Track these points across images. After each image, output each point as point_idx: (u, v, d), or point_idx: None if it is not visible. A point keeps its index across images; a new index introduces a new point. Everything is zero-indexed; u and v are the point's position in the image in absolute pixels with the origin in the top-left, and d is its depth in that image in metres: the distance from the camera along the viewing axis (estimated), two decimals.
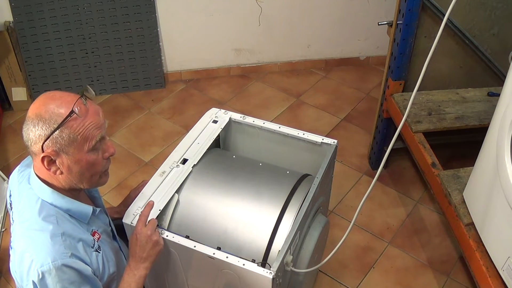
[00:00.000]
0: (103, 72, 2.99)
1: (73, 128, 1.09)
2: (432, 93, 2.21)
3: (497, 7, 2.03)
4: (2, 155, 2.63)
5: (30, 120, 1.09)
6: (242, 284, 1.34)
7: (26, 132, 1.10)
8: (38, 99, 1.11)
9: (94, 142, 1.13)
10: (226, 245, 1.41)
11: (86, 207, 1.22)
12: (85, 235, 1.19)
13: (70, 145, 1.10)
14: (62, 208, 1.17)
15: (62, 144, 1.09)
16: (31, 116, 1.09)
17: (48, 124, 1.07)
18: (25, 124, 1.10)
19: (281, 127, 1.69)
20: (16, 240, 1.15)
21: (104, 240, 1.28)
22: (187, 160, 1.58)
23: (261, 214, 1.46)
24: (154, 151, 2.69)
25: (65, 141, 1.09)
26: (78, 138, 1.10)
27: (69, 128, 1.09)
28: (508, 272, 1.42)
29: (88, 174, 1.17)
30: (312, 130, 1.76)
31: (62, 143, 1.09)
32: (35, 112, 1.09)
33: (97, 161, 1.17)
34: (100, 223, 1.30)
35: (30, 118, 1.09)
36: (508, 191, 1.36)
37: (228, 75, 3.25)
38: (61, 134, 1.08)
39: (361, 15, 3.09)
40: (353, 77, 3.23)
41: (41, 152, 1.09)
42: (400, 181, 2.50)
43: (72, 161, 1.12)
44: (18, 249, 1.12)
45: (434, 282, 2.05)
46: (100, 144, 1.16)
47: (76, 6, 2.77)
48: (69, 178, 1.15)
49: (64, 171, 1.14)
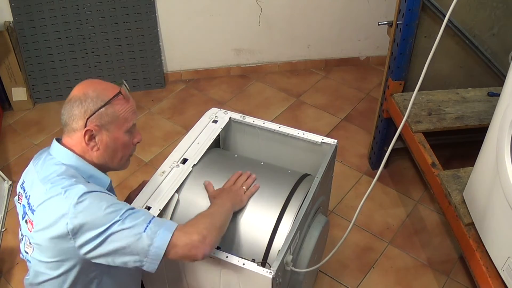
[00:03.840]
0: (103, 72, 2.99)
1: (117, 107, 1.22)
2: (432, 93, 2.21)
3: (497, 7, 2.03)
4: (2, 155, 2.63)
5: (76, 98, 1.19)
6: (242, 284, 1.34)
7: (69, 110, 1.19)
8: (83, 82, 1.23)
9: (131, 124, 1.26)
10: (226, 245, 1.41)
11: (106, 177, 1.29)
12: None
13: (112, 122, 1.21)
14: (86, 173, 1.23)
15: (105, 121, 1.20)
16: (77, 95, 1.19)
17: (95, 101, 1.19)
18: (68, 103, 1.20)
19: (281, 127, 1.69)
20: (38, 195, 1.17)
21: None
22: (187, 160, 1.58)
23: (261, 213, 1.46)
24: (154, 151, 2.69)
25: (109, 117, 1.20)
26: (120, 117, 1.22)
27: (114, 106, 1.21)
28: (508, 272, 1.42)
29: (120, 154, 1.27)
30: (312, 130, 1.76)
31: (106, 119, 1.20)
32: (82, 91, 1.20)
33: (129, 143, 1.28)
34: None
35: (76, 96, 1.19)
36: (508, 191, 1.36)
37: (228, 75, 3.25)
38: (106, 111, 1.20)
39: (361, 15, 3.09)
40: (353, 77, 3.23)
41: (84, 127, 1.19)
42: (400, 181, 2.50)
43: (110, 138, 1.22)
44: (46, 197, 1.14)
45: (434, 282, 2.06)
46: (133, 128, 1.28)
47: (76, 6, 2.78)
48: (103, 156, 1.24)
49: (101, 147, 1.22)
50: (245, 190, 1.46)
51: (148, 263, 1.14)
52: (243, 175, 1.51)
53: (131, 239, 1.11)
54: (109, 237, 1.11)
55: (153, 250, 1.13)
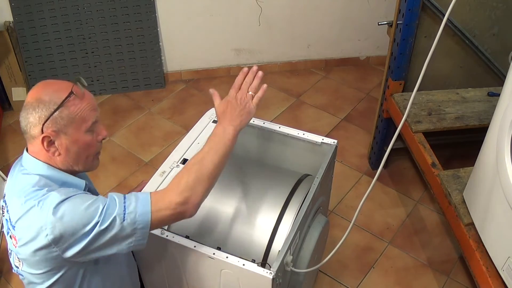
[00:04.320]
0: (103, 72, 2.99)
1: (72, 108, 1.15)
2: (432, 93, 2.21)
3: (497, 7, 2.03)
4: (2, 155, 2.63)
5: (29, 105, 1.14)
6: (242, 284, 1.34)
7: (26, 117, 1.15)
8: (36, 86, 1.17)
9: (91, 123, 1.19)
10: (226, 245, 1.41)
11: (80, 180, 1.25)
12: None
13: (69, 125, 1.15)
14: (58, 180, 1.19)
15: (61, 124, 1.14)
16: (30, 101, 1.14)
17: (48, 106, 1.13)
18: (24, 110, 1.15)
19: (281, 127, 1.69)
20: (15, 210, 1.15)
21: None
22: (187, 160, 1.57)
23: (261, 214, 1.46)
24: (154, 151, 2.69)
25: (64, 121, 1.14)
26: (76, 118, 1.16)
27: (68, 108, 1.14)
28: (508, 272, 1.42)
29: (84, 155, 1.21)
30: (312, 130, 1.76)
31: (61, 123, 1.14)
32: (34, 96, 1.14)
33: (92, 142, 1.22)
34: None
35: (30, 102, 1.14)
36: (508, 191, 1.36)
37: (228, 75, 3.25)
38: (61, 114, 1.14)
39: (361, 15, 3.09)
40: (353, 77, 3.23)
41: (41, 134, 1.14)
42: (400, 181, 2.50)
43: (70, 141, 1.17)
44: (22, 212, 1.13)
45: (434, 282, 2.05)
46: (95, 126, 1.21)
47: (76, 6, 2.77)
48: (66, 160, 1.19)
49: (62, 152, 1.18)
50: (253, 95, 1.36)
51: (136, 242, 1.14)
52: (249, 76, 1.39)
53: (114, 232, 1.11)
54: (92, 239, 1.10)
55: (138, 233, 1.13)
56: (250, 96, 1.35)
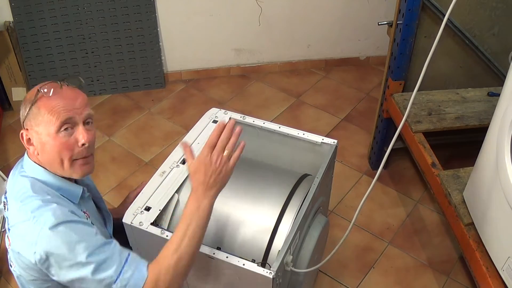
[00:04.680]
0: (103, 72, 2.99)
1: (40, 105, 1.16)
2: (432, 93, 2.21)
3: (497, 7, 2.03)
4: (2, 155, 2.63)
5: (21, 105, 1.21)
6: (242, 284, 1.34)
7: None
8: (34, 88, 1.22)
9: (59, 122, 1.14)
10: (226, 245, 1.41)
11: (77, 187, 1.24)
12: (77, 211, 1.20)
13: (39, 123, 1.15)
14: (53, 186, 1.20)
15: (34, 122, 1.16)
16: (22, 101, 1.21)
17: (26, 104, 1.18)
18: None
19: (281, 127, 1.69)
20: (12, 212, 1.16)
21: (93, 222, 1.27)
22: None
23: (261, 214, 1.46)
24: (154, 151, 2.69)
25: (34, 118, 1.16)
26: (45, 116, 1.15)
27: (38, 105, 1.16)
28: (508, 272, 1.42)
29: (57, 157, 1.17)
30: (312, 130, 1.76)
31: (34, 121, 1.16)
32: (25, 97, 1.21)
33: (67, 145, 1.17)
34: (90, 207, 1.31)
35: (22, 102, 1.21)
36: (508, 191, 1.36)
37: (228, 75, 3.25)
38: (33, 112, 1.16)
39: (361, 15, 3.09)
40: (353, 77, 3.23)
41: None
42: (400, 181, 2.50)
43: (43, 140, 1.16)
44: (17, 220, 1.14)
45: (434, 282, 2.05)
46: (73, 129, 1.18)
47: (76, 6, 2.77)
48: (44, 159, 1.19)
49: (39, 151, 1.18)
50: (229, 155, 1.19)
51: None
52: (225, 132, 1.18)
53: (97, 283, 1.09)
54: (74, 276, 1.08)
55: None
56: (226, 157, 1.18)
